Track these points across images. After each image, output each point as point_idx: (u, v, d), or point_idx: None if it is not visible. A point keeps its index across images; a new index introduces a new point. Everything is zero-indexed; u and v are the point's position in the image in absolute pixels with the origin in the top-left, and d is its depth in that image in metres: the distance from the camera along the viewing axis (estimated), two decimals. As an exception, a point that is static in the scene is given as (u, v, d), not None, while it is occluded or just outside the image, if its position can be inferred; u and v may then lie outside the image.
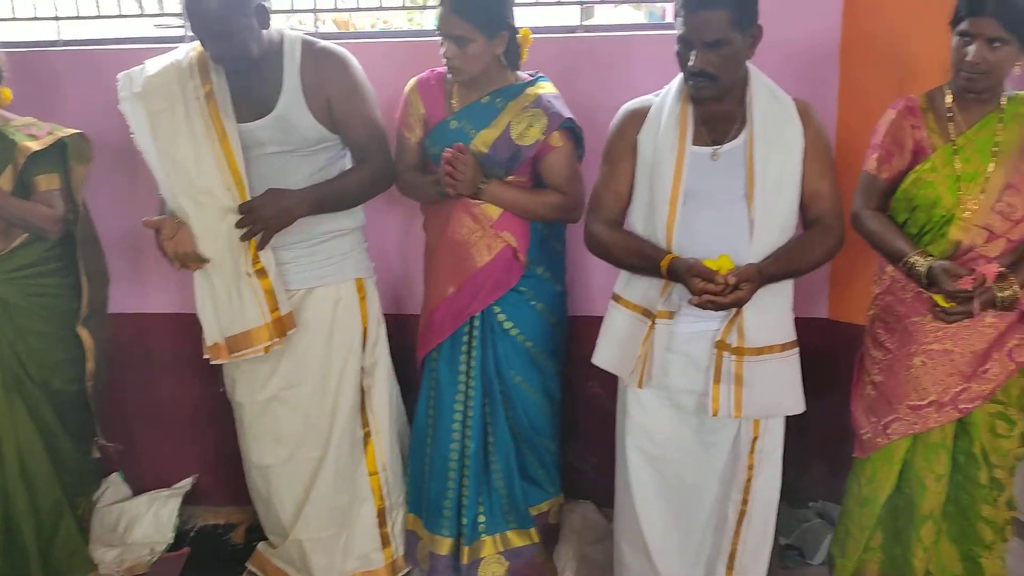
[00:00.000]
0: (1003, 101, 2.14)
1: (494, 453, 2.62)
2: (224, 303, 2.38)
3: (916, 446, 2.29)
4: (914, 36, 2.39)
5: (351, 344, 2.55)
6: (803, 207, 2.12)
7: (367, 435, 2.61)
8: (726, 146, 2.09)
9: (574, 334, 2.65)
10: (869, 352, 2.36)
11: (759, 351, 2.11)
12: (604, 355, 2.28)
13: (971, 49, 2.02)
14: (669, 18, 2.90)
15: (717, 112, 2.09)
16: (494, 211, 2.44)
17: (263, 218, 2.30)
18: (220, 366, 2.54)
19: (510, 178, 2.45)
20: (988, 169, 2.12)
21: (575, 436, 2.87)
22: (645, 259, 2.10)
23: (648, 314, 2.15)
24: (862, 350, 2.41)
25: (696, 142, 2.09)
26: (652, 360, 2.13)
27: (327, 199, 2.39)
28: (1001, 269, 2.10)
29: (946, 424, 2.25)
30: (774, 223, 2.07)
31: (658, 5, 3.42)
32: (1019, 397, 2.26)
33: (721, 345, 2.10)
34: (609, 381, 2.34)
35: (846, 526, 2.45)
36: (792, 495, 2.81)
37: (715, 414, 2.12)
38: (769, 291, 2.06)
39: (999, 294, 2.09)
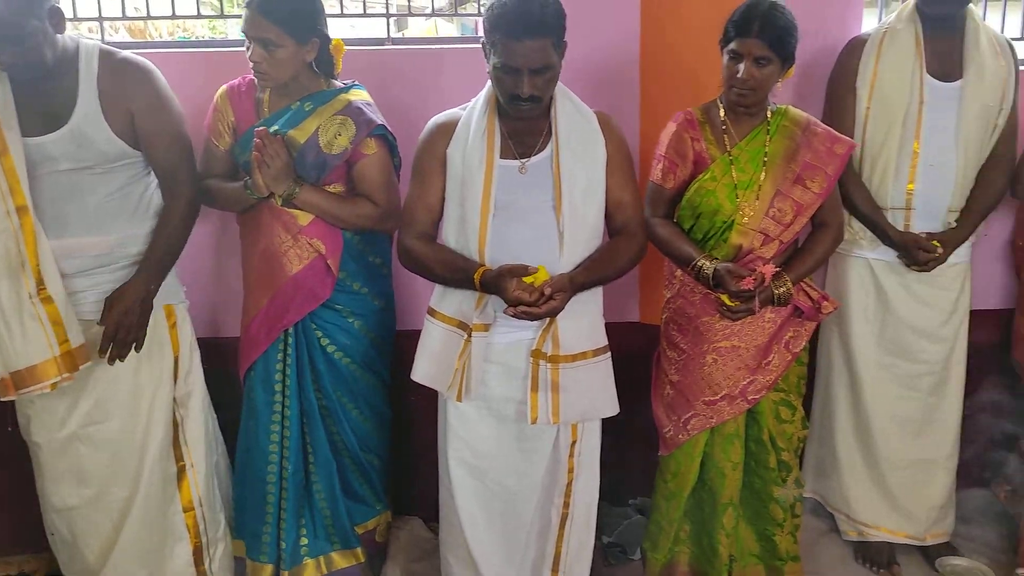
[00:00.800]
0: (768, 114, 2.36)
1: (315, 473, 2.56)
2: (5, 333, 2.19)
3: (714, 438, 2.46)
4: (705, 52, 2.56)
5: (161, 375, 2.41)
6: (608, 216, 2.23)
7: (181, 469, 2.47)
8: (533, 159, 2.16)
9: (405, 348, 2.63)
10: (665, 353, 2.51)
11: (573, 358, 2.19)
12: (422, 370, 2.28)
13: (741, 67, 2.22)
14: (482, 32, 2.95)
15: (524, 127, 2.15)
16: (304, 218, 2.39)
17: (121, 338, 2.22)
18: (11, 402, 2.34)
19: (330, 188, 2.42)
20: (760, 178, 2.33)
21: (403, 451, 2.85)
22: (458, 271, 2.13)
23: (464, 327, 2.17)
24: (658, 351, 2.56)
25: (504, 155, 2.14)
26: (470, 373, 2.16)
27: (162, 261, 2.31)
28: (777, 269, 2.32)
29: (738, 415, 2.44)
30: (582, 233, 2.16)
31: (470, 19, 3.48)
32: (797, 384, 2.51)
33: (536, 354, 2.16)
34: (433, 395, 2.34)
35: (656, 521, 2.58)
36: (613, 494, 2.93)
37: (534, 422, 2.17)
38: (579, 299, 2.14)
39: (776, 291, 2.31)
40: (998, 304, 3.08)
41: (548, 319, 2.12)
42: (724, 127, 2.35)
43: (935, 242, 2.62)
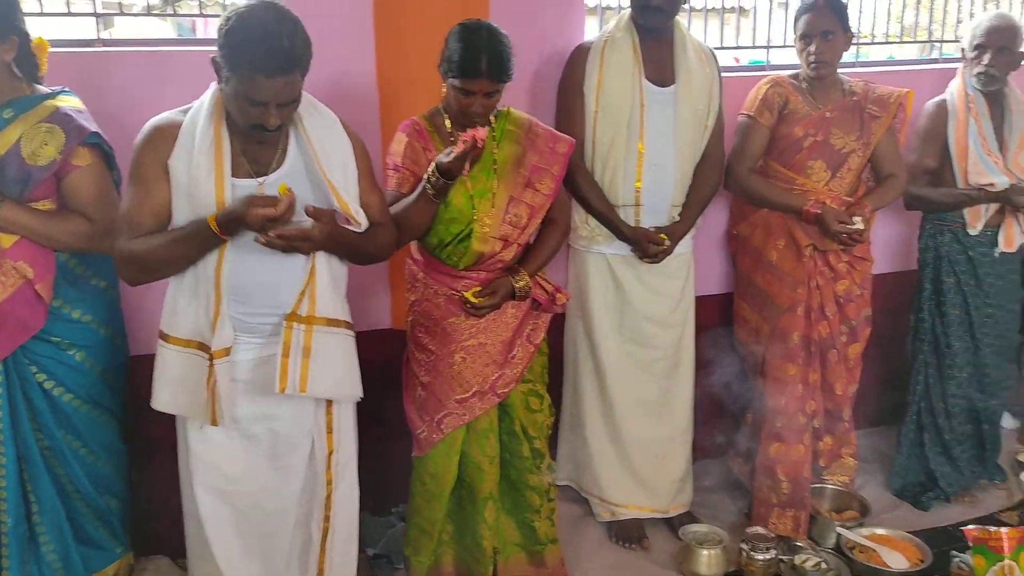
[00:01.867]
0: (492, 119, 2.42)
1: (41, 524, 2.32)
2: None
3: (469, 435, 2.50)
4: (422, 81, 2.61)
5: None
6: None
7: None
8: (272, 177, 2.02)
9: (140, 374, 2.40)
10: (414, 355, 2.52)
11: (328, 322, 2.10)
12: (164, 398, 2.10)
13: (474, 102, 2.26)
14: (201, 32, 2.79)
15: (260, 147, 2.01)
16: (7, 239, 2.14)
17: None
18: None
19: (38, 204, 2.17)
20: (493, 185, 2.39)
21: (144, 485, 2.62)
22: (189, 237, 1.93)
23: (204, 348, 2.02)
24: (407, 354, 2.56)
25: (238, 174, 1.99)
26: (220, 397, 2.01)
27: None
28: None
29: (490, 409, 2.49)
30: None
31: (187, 19, 3.27)
32: (541, 374, 2.62)
33: (292, 317, 2.04)
34: (172, 422, 2.17)
35: (417, 525, 2.58)
36: (373, 503, 2.88)
37: (282, 390, 2.04)
38: (334, 268, 2.09)
39: (516, 284, 2.40)
40: (718, 289, 3.39)
41: (306, 280, 2.02)
42: (452, 137, 2.37)
43: (662, 235, 2.82)
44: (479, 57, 2.21)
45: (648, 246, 2.81)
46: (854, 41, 3.09)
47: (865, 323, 3.11)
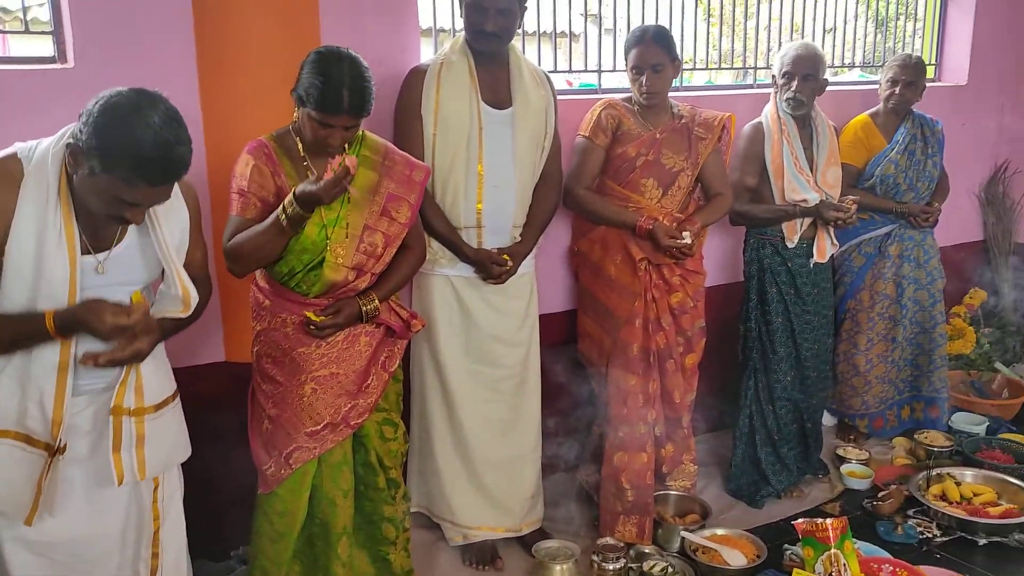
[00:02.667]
0: (346, 146, 2.32)
1: None
2: None
3: (321, 469, 2.41)
4: (252, 102, 2.55)
5: None
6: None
7: None
8: (114, 252, 1.88)
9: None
10: (260, 387, 2.41)
11: (157, 407, 2.00)
12: None
13: (332, 135, 2.19)
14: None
15: (105, 221, 1.84)
16: None
17: None
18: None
19: None
20: (347, 214, 2.31)
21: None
22: (22, 323, 1.78)
23: (32, 441, 1.85)
24: (252, 386, 2.45)
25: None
26: (52, 491, 1.86)
27: None
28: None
29: (344, 441, 2.41)
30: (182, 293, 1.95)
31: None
32: (396, 401, 2.57)
33: (118, 411, 1.91)
34: None
35: (261, 567, 2.45)
36: (212, 549, 2.73)
37: (120, 483, 1.92)
38: (153, 358, 1.96)
39: (364, 307, 2.34)
40: (562, 307, 3.46)
41: (124, 371, 1.90)
42: (305, 162, 2.30)
43: (505, 256, 2.85)
44: (340, 93, 2.13)
45: (491, 267, 2.83)
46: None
47: (700, 333, 3.25)
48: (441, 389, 2.95)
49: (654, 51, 2.99)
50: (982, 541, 3.14)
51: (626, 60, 3.07)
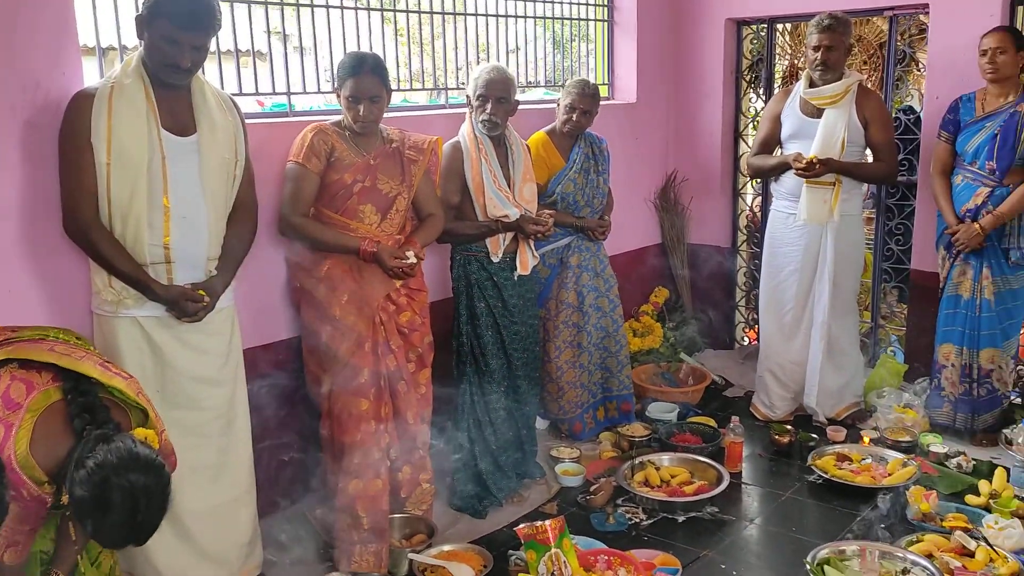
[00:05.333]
0: None
1: None
2: None
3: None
4: None
5: None
6: None
7: None
8: None
9: None
10: None
11: None
12: None
13: None
14: None
15: None
16: None
17: None
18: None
19: None
20: None
21: None
22: None
23: None
24: None
25: None
26: None
27: None
28: None
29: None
30: None
31: None
32: None
33: None
34: None
35: None
36: None
37: None
38: None
39: None
40: (286, 335, 3.34)
41: None
42: None
43: (201, 291, 2.66)
44: None
45: (186, 304, 2.63)
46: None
47: (429, 349, 3.29)
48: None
49: (372, 82, 3.00)
50: (681, 518, 3.44)
51: (339, 87, 3.04)
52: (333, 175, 3.04)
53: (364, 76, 2.99)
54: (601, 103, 4.01)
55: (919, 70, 5.00)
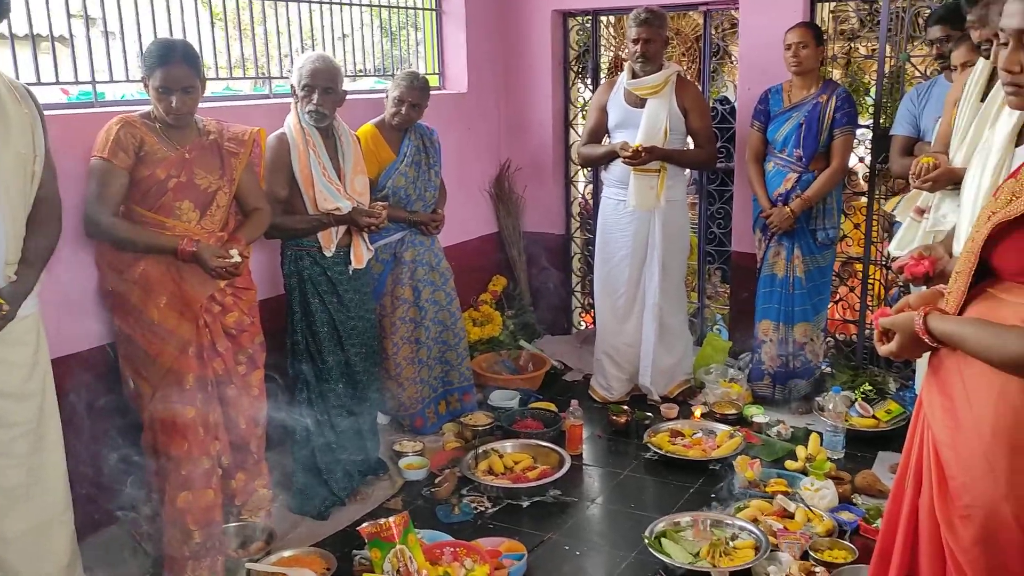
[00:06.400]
0: None
1: None
2: None
3: None
4: None
5: None
6: None
7: None
8: None
9: None
10: None
11: None
12: None
13: None
14: None
15: None
16: None
17: None
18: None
19: None
20: None
21: None
22: None
23: None
24: None
25: None
26: None
27: None
28: None
29: None
30: None
31: None
32: None
33: None
34: None
35: None
36: None
37: None
38: None
39: None
40: (97, 342, 3.10)
41: None
42: None
43: (1, 300, 2.43)
44: None
45: (-14, 314, 2.39)
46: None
47: (261, 349, 3.18)
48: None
49: (183, 72, 2.83)
50: (525, 503, 3.49)
51: (147, 76, 2.86)
52: (144, 170, 2.85)
53: (174, 65, 2.83)
54: (432, 93, 3.99)
55: (732, 62, 5.28)
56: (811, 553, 2.96)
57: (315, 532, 3.32)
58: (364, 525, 2.74)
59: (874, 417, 4.01)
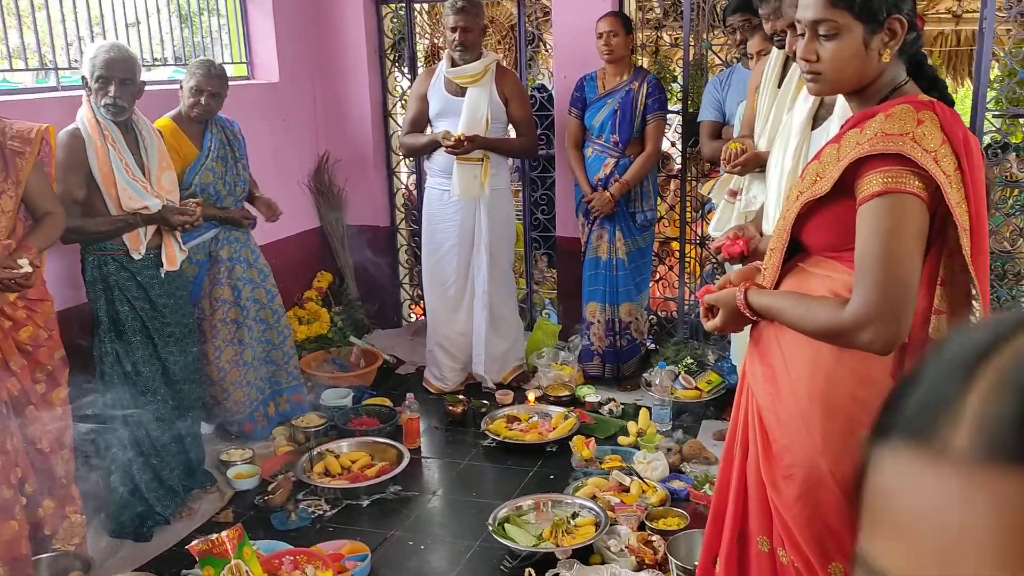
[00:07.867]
0: None
1: None
2: None
3: None
4: None
5: None
6: None
7: None
8: None
9: None
10: None
11: None
12: None
13: None
14: None
15: None
16: None
17: None
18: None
19: None
20: None
21: None
22: None
23: None
24: None
25: None
26: None
27: None
28: None
29: None
30: None
31: None
32: None
33: None
34: None
35: None
36: None
37: None
38: None
39: None
40: None
41: None
42: None
43: None
44: None
45: None
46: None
47: (62, 364, 2.93)
48: None
49: None
50: (366, 502, 3.41)
51: None
52: None
53: None
54: (240, 84, 3.79)
55: (547, 50, 5.37)
56: (647, 523, 3.07)
57: (138, 555, 3.10)
58: (194, 543, 2.56)
59: (697, 388, 4.22)
